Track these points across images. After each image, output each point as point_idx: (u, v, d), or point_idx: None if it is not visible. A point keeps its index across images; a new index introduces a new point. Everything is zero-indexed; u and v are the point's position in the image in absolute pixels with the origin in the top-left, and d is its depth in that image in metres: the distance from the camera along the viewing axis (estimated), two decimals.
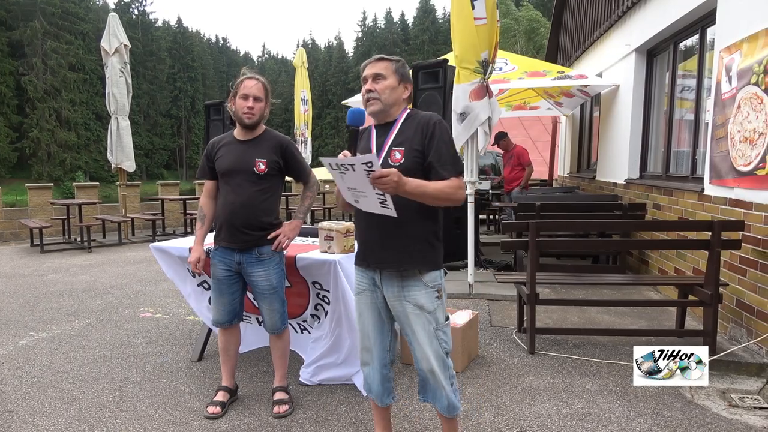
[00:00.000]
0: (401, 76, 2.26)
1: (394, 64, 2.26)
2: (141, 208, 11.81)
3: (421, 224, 2.19)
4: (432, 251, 2.23)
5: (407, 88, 2.29)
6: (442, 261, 2.29)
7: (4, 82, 43.07)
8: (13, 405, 3.16)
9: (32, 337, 4.40)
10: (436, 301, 2.22)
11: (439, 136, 2.15)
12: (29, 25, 44.58)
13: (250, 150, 2.89)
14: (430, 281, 2.21)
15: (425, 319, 2.21)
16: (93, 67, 47.06)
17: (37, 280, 6.59)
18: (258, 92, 2.88)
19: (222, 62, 72.51)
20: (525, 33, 28.80)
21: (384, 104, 2.22)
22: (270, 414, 3.00)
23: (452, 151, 2.17)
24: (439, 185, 2.08)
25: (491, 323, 4.61)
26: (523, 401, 3.13)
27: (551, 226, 5.33)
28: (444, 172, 2.11)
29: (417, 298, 2.20)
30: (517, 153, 8.41)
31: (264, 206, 2.92)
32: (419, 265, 2.20)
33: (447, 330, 2.28)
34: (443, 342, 2.25)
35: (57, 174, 42.14)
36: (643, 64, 6.64)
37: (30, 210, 10.46)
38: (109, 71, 10.04)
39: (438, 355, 2.23)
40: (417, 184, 2.03)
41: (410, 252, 2.19)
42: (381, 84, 2.21)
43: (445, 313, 2.29)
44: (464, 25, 4.96)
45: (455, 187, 2.11)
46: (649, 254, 5.88)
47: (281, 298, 3.02)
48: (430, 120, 2.19)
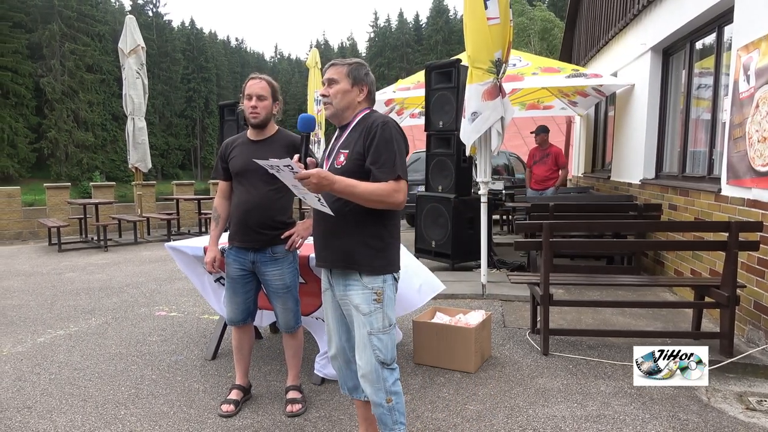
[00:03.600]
0: (354, 79, 2.24)
1: (347, 68, 2.26)
2: (156, 207, 11.93)
3: (359, 226, 2.17)
4: (371, 254, 2.18)
5: (362, 90, 2.27)
6: (388, 265, 2.22)
7: (24, 84, 43.73)
8: (31, 401, 3.22)
9: (50, 335, 4.47)
10: (374, 304, 2.18)
11: (380, 138, 2.12)
12: (47, 27, 45.23)
13: (262, 150, 2.91)
14: (368, 283, 2.18)
15: (360, 321, 2.19)
16: (110, 68, 47.60)
17: (55, 278, 6.69)
18: (261, 91, 2.90)
19: (236, 63, 72.96)
20: (539, 33, 28.65)
21: (336, 108, 2.25)
22: (283, 413, 3.02)
23: (392, 154, 2.12)
24: (370, 187, 2.07)
25: (504, 324, 4.59)
26: (536, 402, 3.12)
27: (565, 227, 5.29)
28: (380, 174, 2.10)
29: (353, 298, 2.20)
30: (555, 153, 8.25)
31: (277, 206, 2.94)
32: (355, 266, 2.18)
33: (384, 338, 2.20)
34: (377, 350, 2.18)
35: (74, 174, 42.71)
36: (658, 63, 6.58)
37: (48, 209, 10.62)
38: (125, 72, 10.16)
39: (369, 363, 2.18)
40: (346, 184, 2.04)
41: (346, 253, 2.19)
42: (333, 88, 2.24)
43: (387, 320, 2.21)
44: (477, 25, 4.94)
45: (389, 190, 2.08)
46: (665, 255, 5.82)
47: (295, 297, 3.04)
48: (374, 122, 2.17)
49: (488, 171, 5.44)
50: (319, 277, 3.36)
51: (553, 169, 8.22)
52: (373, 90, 2.32)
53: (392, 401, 2.22)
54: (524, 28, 28.69)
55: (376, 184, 2.09)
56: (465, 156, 5.95)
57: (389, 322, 2.23)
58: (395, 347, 2.27)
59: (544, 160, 8.26)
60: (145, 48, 10.31)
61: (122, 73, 10.34)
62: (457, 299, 5.29)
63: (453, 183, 6.29)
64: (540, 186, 8.30)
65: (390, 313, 2.24)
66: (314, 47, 15.46)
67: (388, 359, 2.21)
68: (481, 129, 5.11)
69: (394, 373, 2.24)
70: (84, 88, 46.55)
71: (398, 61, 65.77)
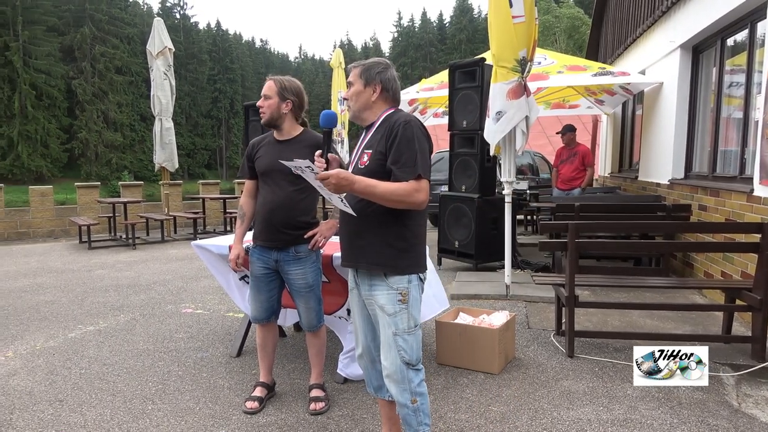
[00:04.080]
0: (366, 80, 2.26)
1: (359, 69, 2.29)
2: (183, 206, 12.13)
3: (383, 226, 2.17)
4: (396, 254, 2.18)
5: (376, 90, 2.27)
6: (413, 265, 2.22)
7: (56, 86, 44.92)
8: (63, 395, 3.30)
9: (81, 330, 4.58)
10: (399, 304, 2.18)
11: (401, 137, 2.11)
12: (79, 30, 46.37)
13: (287, 150, 2.93)
14: (393, 283, 2.18)
15: (386, 321, 2.19)
16: (138, 70, 48.56)
17: (85, 275, 6.85)
18: (266, 90, 2.95)
19: (260, 64, 73.65)
20: (565, 31, 28.26)
21: (354, 110, 2.31)
22: (306, 410, 3.04)
23: (413, 153, 2.11)
24: (391, 187, 2.07)
25: (528, 325, 4.55)
26: (561, 405, 3.08)
27: (591, 227, 5.23)
28: (400, 173, 2.09)
29: (378, 298, 2.20)
30: (582, 152, 8.11)
31: (301, 206, 2.95)
32: (380, 266, 2.19)
33: (409, 339, 2.19)
34: (402, 350, 2.18)
35: (104, 173, 43.70)
36: (688, 60, 6.44)
37: (79, 208, 10.88)
38: (153, 74, 10.34)
39: (394, 364, 2.18)
40: (366, 184, 2.05)
41: (370, 253, 2.20)
42: (350, 91, 2.30)
43: (412, 321, 2.21)
44: (502, 24, 4.91)
45: (409, 190, 2.07)
46: (694, 257, 5.70)
47: (317, 296, 3.05)
48: (397, 121, 2.17)
49: (512, 171, 5.40)
50: (342, 277, 3.39)
51: (580, 169, 8.09)
52: (390, 88, 2.29)
53: (417, 402, 2.21)
54: (550, 26, 28.35)
55: (396, 184, 2.08)
56: (489, 155, 5.91)
57: (414, 322, 2.22)
58: (421, 348, 2.26)
59: (571, 159, 8.14)
60: (172, 50, 10.47)
61: (150, 74, 10.53)
62: (480, 300, 5.26)
63: (477, 183, 6.26)
64: (566, 186, 8.19)
65: (415, 313, 2.23)
66: (338, 47, 15.53)
67: (413, 360, 2.20)
68: (506, 128, 5.08)
69: (420, 374, 2.23)
70: (113, 90, 47.57)
71: (422, 61, 65.63)
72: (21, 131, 41.14)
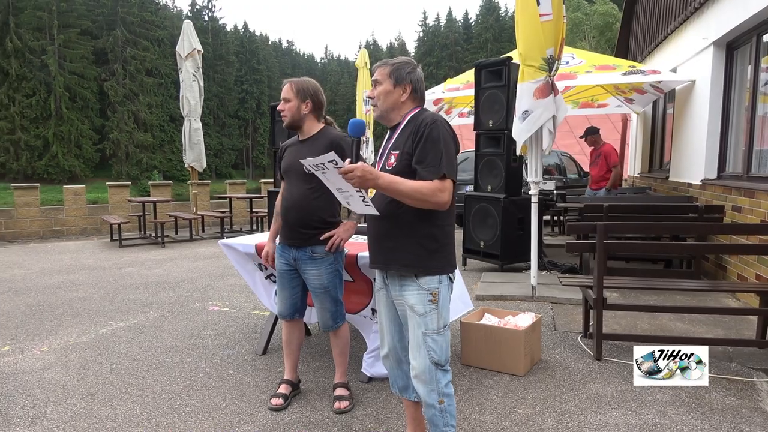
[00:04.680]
0: (396, 80, 2.23)
1: (389, 68, 2.25)
2: (210, 205, 12.31)
3: (413, 227, 2.16)
4: (426, 255, 2.17)
5: (405, 90, 2.24)
6: (443, 266, 2.21)
7: (89, 88, 46.14)
8: (94, 389, 3.38)
9: (111, 326, 4.69)
10: (429, 305, 2.16)
11: (427, 137, 2.10)
12: (111, 33, 47.52)
13: (305, 149, 2.96)
14: (424, 283, 2.17)
15: (415, 321, 2.17)
16: (167, 71, 49.47)
17: (115, 272, 7.01)
18: (285, 93, 2.98)
19: (286, 64, 74.35)
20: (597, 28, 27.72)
21: (380, 110, 2.27)
22: (331, 409, 3.05)
23: (439, 153, 2.08)
24: (415, 185, 2.05)
25: (555, 327, 4.49)
26: (588, 409, 3.04)
27: (620, 228, 5.13)
28: (425, 173, 2.08)
29: (409, 298, 2.18)
30: (606, 152, 8.18)
31: (315, 205, 2.96)
32: (410, 268, 2.17)
33: (438, 339, 2.18)
34: (431, 351, 2.17)
35: (134, 173, 44.65)
36: (721, 58, 6.27)
37: (110, 207, 11.14)
38: (183, 75, 10.52)
39: (423, 364, 2.17)
40: (390, 180, 2.04)
41: (400, 254, 2.18)
42: (377, 89, 2.26)
43: (442, 321, 2.20)
44: (529, 22, 4.86)
45: (433, 189, 2.05)
46: (727, 259, 5.54)
47: (333, 297, 3.04)
48: (423, 121, 2.15)
49: (539, 171, 5.34)
50: (366, 276, 3.39)
51: (606, 169, 8.18)
52: (419, 88, 2.28)
53: (444, 402, 2.20)
54: (579, 23, 27.89)
55: (420, 182, 2.06)
56: (515, 155, 5.86)
57: (444, 323, 2.20)
58: (449, 348, 2.25)
59: (597, 161, 8.28)
60: (201, 51, 10.63)
61: (179, 76, 10.71)
62: (506, 301, 5.21)
63: (503, 183, 6.20)
64: (596, 186, 8.35)
65: (445, 314, 2.21)
66: (363, 48, 15.57)
67: (442, 360, 2.19)
68: (533, 128, 5.02)
69: (447, 375, 2.22)
70: (144, 91, 48.59)
71: (447, 60, 65.32)
72: (56, 132, 42.35)
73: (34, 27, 42.79)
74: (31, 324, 4.76)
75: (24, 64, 41.51)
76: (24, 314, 5.06)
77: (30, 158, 41.52)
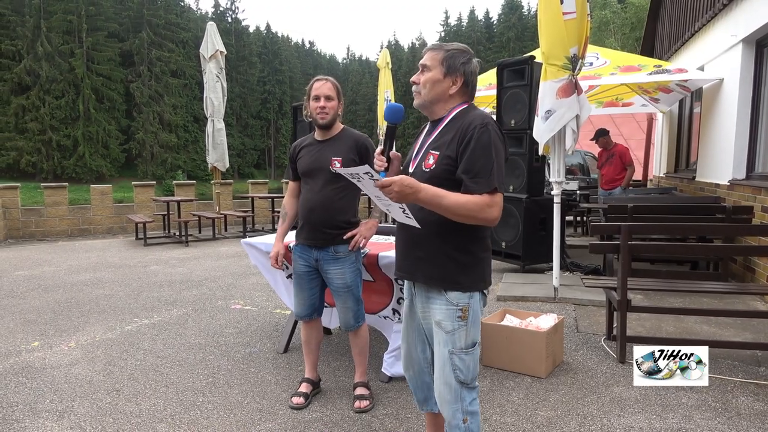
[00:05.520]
0: (448, 68, 1.98)
1: (443, 53, 1.98)
2: (233, 205, 12.45)
3: (446, 238, 1.94)
4: (458, 269, 1.95)
5: (455, 83, 1.99)
6: (477, 281, 1.98)
7: (116, 89, 47.06)
8: (120, 384, 3.45)
9: (136, 323, 4.77)
10: (458, 321, 1.95)
11: (476, 143, 1.85)
12: (137, 36, 48.37)
13: (327, 149, 2.98)
14: (454, 299, 1.95)
15: (442, 338, 1.98)
16: (192, 72, 50.12)
17: (140, 270, 7.13)
18: (329, 91, 2.95)
19: (308, 65, 74.73)
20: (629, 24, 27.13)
21: (424, 99, 2.01)
22: (351, 408, 3.06)
23: (489, 163, 1.84)
24: (460, 199, 1.82)
25: (577, 329, 4.44)
26: (611, 412, 3.00)
27: (645, 229, 5.05)
28: (473, 185, 1.83)
29: (436, 314, 1.99)
30: (620, 152, 8.30)
31: (340, 205, 2.97)
32: (439, 282, 1.96)
33: (466, 358, 1.97)
34: (457, 370, 1.96)
35: (159, 173, 45.36)
36: (751, 55, 6.12)
37: (135, 206, 11.34)
38: (206, 76, 10.66)
39: (448, 384, 1.98)
40: (433, 194, 1.80)
41: (430, 267, 1.97)
42: (424, 76, 2.00)
43: (470, 339, 1.98)
44: (552, 20, 4.81)
45: (481, 205, 1.81)
46: (756, 261, 5.41)
47: (355, 296, 3.05)
48: (472, 123, 1.89)
49: (562, 171, 5.28)
50: (387, 276, 3.40)
51: (620, 169, 8.30)
52: (471, 81, 2.03)
53: (468, 421, 2.01)
54: (606, 21, 27.41)
55: (467, 197, 1.83)
56: (537, 155, 5.80)
57: (473, 340, 2.00)
58: (477, 365, 2.06)
59: (611, 160, 8.37)
60: (224, 53, 10.76)
61: (203, 77, 10.86)
62: (527, 302, 5.17)
63: (525, 183, 6.15)
64: (609, 186, 8.39)
65: (475, 331, 2.00)
66: (384, 48, 15.58)
67: (468, 379, 2.00)
68: (555, 127, 4.97)
69: (473, 392, 2.04)
70: (168, 92, 49.34)
71: None
72: (84, 133, 43.26)
73: (63, 30, 43.79)
74: (60, 320, 4.87)
75: (54, 66, 42.51)
76: (53, 310, 5.19)
77: (60, 158, 42.52)
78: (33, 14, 42.06)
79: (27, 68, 41.42)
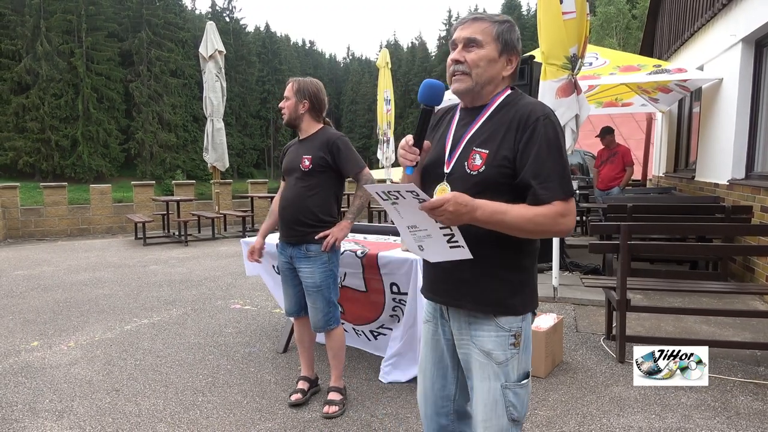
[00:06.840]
0: (504, 45, 1.61)
1: (497, 27, 1.61)
2: (233, 204, 12.44)
3: (493, 254, 1.58)
4: (511, 291, 1.61)
5: (511, 62, 1.63)
6: (529, 302, 1.66)
7: (115, 89, 47.05)
8: (119, 384, 3.45)
9: (136, 323, 4.77)
10: (511, 349, 1.61)
11: (543, 140, 1.51)
12: (137, 35, 48.35)
13: (302, 149, 3.03)
14: (506, 323, 1.61)
15: (492, 371, 1.61)
16: (191, 72, 50.11)
17: (140, 270, 7.13)
18: (286, 92, 3.05)
19: (308, 65, 74.72)
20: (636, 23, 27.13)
21: (475, 82, 1.60)
22: (320, 412, 3.03)
23: (562, 164, 1.52)
24: (527, 213, 1.48)
25: (577, 329, 4.44)
26: (610, 411, 3.00)
27: (644, 229, 5.05)
28: (544, 193, 1.49)
29: (485, 343, 1.62)
30: (623, 152, 8.29)
31: (309, 203, 2.97)
32: (489, 306, 1.61)
33: (521, 392, 1.63)
34: (511, 407, 1.61)
35: (158, 173, 45.35)
36: (750, 55, 6.13)
37: (135, 206, 11.34)
38: (206, 76, 10.64)
39: (500, 425, 1.61)
40: (492, 211, 1.45)
41: (474, 289, 1.61)
42: (474, 53, 1.59)
43: (524, 368, 1.65)
44: (551, 20, 4.81)
45: (553, 216, 1.49)
46: (755, 261, 5.42)
47: (326, 298, 3.02)
48: (532, 114, 1.54)
49: None
50: (383, 283, 3.38)
51: (620, 169, 8.26)
52: (518, 64, 1.69)
53: None
54: (609, 19, 27.40)
55: (534, 209, 1.49)
56: None
57: (526, 369, 1.66)
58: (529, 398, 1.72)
59: (612, 159, 8.32)
60: (223, 52, 10.74)
61: (202, 76, 10.84)
62: None
63: None
64: (605, 186, 8.34)
65: (527, 359, 1.67)
66: (384, 47, 15.58)
67: (522, 417, 1.65)
68: None
69: (519, 428, 1.68)
70: (168, 92, 49.33)
71: None
72: (83, 132, 43.25)
73: (63, 30, 43.77)
74: (59, 320, 4.87)
75: (53, 65, 42.50)
76: (52, 310, 5.19)
77: (59, 158, 42.50)
78: (33, 14, 42.05)
79: (26, 68, 41.42)
